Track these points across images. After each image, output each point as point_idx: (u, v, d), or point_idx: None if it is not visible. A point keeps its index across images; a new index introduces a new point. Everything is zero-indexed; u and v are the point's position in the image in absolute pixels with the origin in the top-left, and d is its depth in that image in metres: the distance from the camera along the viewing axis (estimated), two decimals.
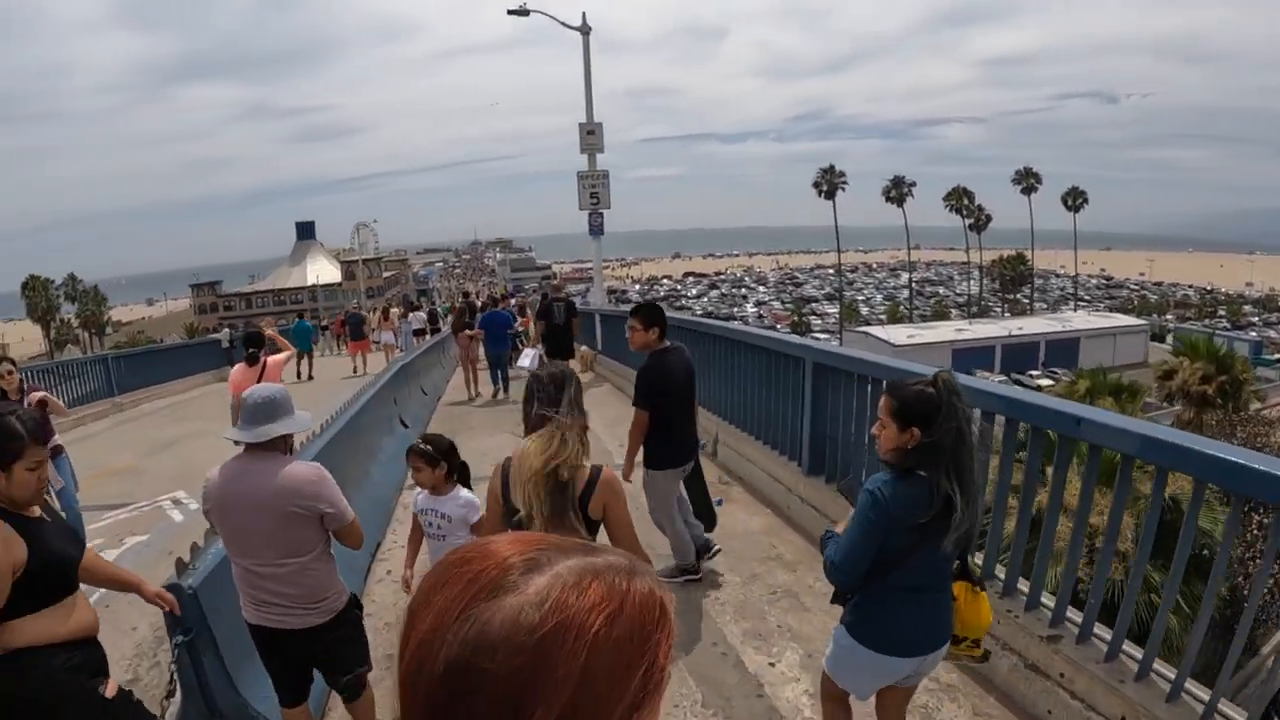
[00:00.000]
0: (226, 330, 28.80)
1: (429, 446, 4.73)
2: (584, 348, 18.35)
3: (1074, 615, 4.42)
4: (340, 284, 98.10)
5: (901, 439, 3.13)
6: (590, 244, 20.12)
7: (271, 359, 9.44)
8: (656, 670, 0.83)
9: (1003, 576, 4.88)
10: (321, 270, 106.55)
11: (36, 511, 3.19)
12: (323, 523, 3.79)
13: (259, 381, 8.93)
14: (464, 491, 4.79)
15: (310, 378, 23.37)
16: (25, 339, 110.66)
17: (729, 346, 9.30)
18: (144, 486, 11.05)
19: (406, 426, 11.57)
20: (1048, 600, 4.59)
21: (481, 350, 16.64)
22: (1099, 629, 4.25)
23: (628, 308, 8.37)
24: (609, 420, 11.60)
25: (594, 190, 18.45)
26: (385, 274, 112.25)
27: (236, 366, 9.55)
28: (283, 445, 3.85)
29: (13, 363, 8.21)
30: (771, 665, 5.14)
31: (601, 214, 18.74)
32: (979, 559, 4.92)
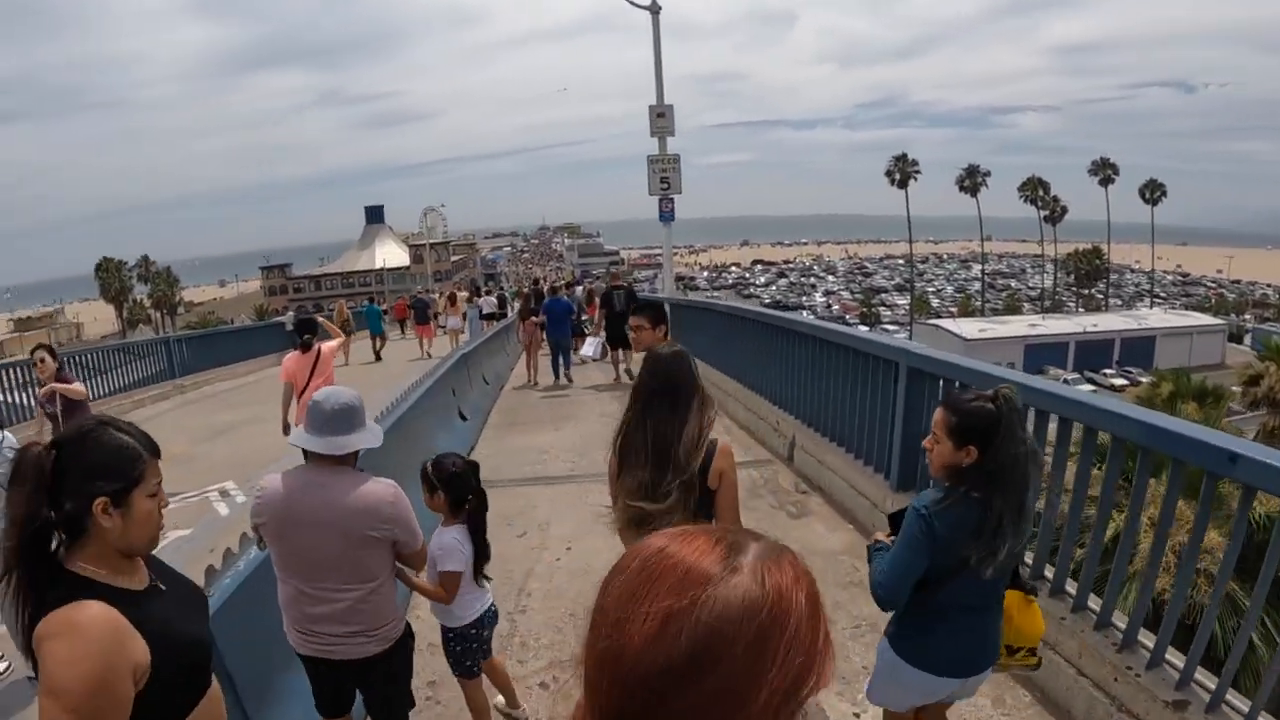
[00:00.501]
0: (291, 313, 28.34)
1: (431, 468, 4.11)
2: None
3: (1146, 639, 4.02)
4: (408, 267, 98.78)
5: (956, 457, 2.97)
6: (659, 230, 19.50)
7: (325, 346, 9.13)
8: (827, 636, 0.92)
9: (1069, 588, 4.57)
10: (389, 254, 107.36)
11: (143, 574, 2.16)
12: (394, 547, 3.43)
13: (313, 370, 8.56)
14: (451, 533, 4.07)
15: (378, 358, 24.21)
16: (98, 319, 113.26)
17: (813, 345, 8.56)
18: (194, 476, 10.72)
19: (465, 419, 11.16)
20: (1119, 620, 4.22)
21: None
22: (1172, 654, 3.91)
23: (696, 296, 7.74)
24: None
25: (664, 175, 17.75)
26: (453, 258, 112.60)
27: (290, 354, 9.23)
28: (352, 457, 3.44)
29: (50, 350, 7.85)
30: (856, 717, 4.42)
31: (672, 199, 17.98)
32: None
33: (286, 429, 8.37)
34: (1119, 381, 62.09)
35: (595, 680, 0.90)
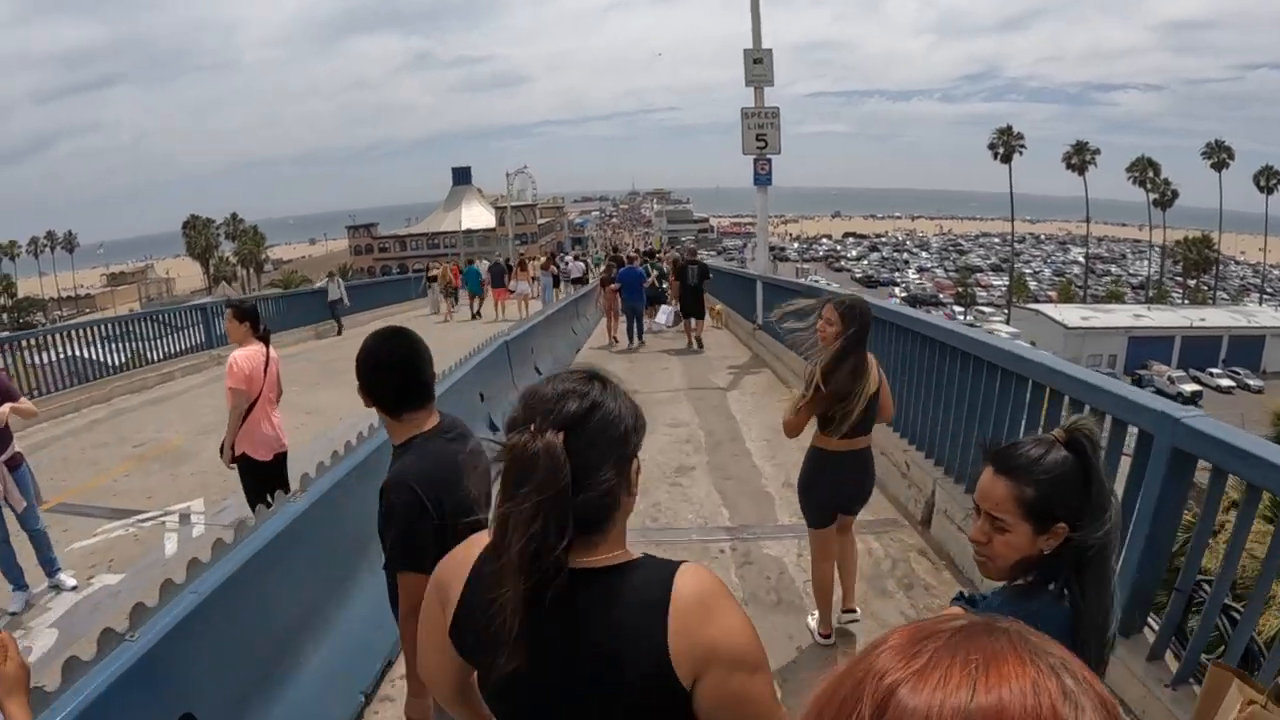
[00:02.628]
0: (337, 280, 26.36)
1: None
2: (717, 304, 20.18)
3: None
4: (493, 229, 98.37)
5: (1038, 544, 2.00)
6: (749, 198, 17.77)
7: (274, 355, 6.67)
8: None
9: None
10: (476, 215, 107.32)
11: None
12: None
13: (266, 371, 6.38)
14: None
15: (478, 315, 26.23)
16: (184, 275, 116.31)
17: (982, 371, 5.84)
18: (168, 486, 9.14)
19: (496, 430, 8.76)
20: None
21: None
22: None
23: (785, 270, 5.81)
24: (769, 429, 9.29)
25: (761, 131, 15.59)
26: (539, 221, 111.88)
27: (242, 351, 6.39)
28: None
29: None
30: None
31: (769, 160, 15.83)
32: None
33: (232, 453, 6.35)
34: (1225, 382, 59.18)
35: None
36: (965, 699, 0.61)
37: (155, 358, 17.44)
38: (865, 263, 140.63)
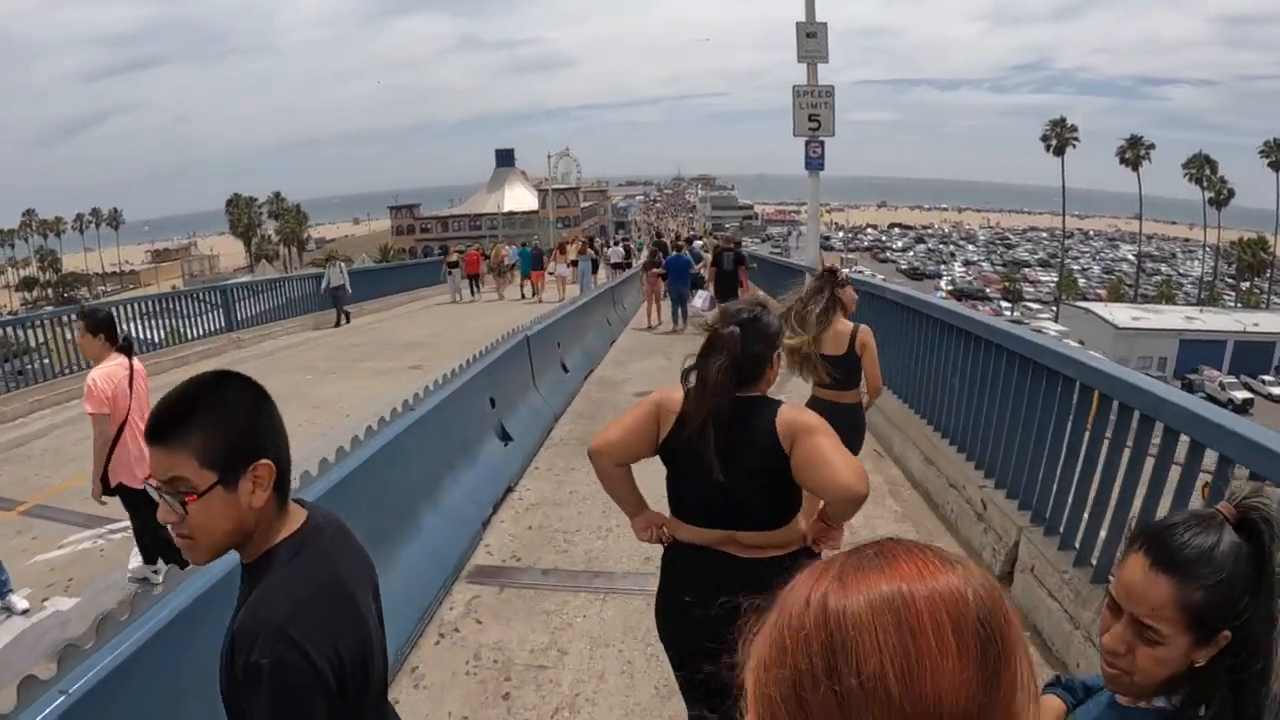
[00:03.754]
0: (338, 265, 23.35)
1: None
2: (759, 293, 20.45)
3: None
4: (536, 211, 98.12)
5: (1194, 655, 1.52)
6: (795, 185, 17.00)
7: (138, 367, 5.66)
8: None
9: None
10: (518, 197, 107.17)
11: None
12: None
13: (132, 388, 5.44)
14: None
15: (536, 295, 26.35)
16: (227, 254, 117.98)
17: (1063, 388, 4.93)
18: None
19: (509, 440, 8.01)
20: None
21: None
22: None
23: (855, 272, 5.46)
24: (796, 395, 8.66)
25: (814, 111, 14.71)
26: (583, 204, 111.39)
27: (102, 368, 5.40)
28: None
29: None
30: None
31: (821, 143, 14.98)
32: None
33: (107, 487, 5.49)
34: (1277, 390, 57.35)
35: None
36: (889, 583, 0.72)
37: (175, 340, 16.69)
38: (911, 254, 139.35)
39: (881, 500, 6.86)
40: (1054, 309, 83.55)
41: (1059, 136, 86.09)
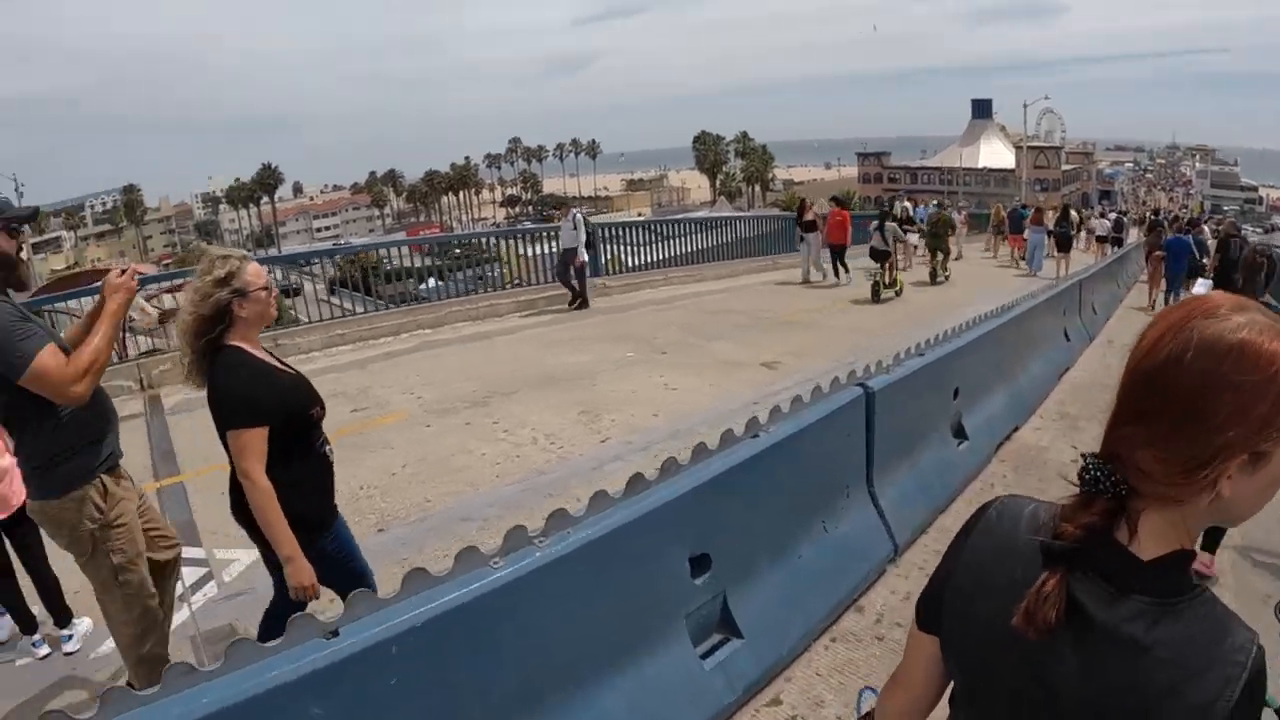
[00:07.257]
0: (575, 216, 15.19)
1: None
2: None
3: None
4: (1013, 170, 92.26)
5: None
6: None
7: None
8: None
9: None
10: (996, 152, 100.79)
11: None
12: None
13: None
14: None
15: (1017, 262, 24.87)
16: (695, 187, 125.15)
17: None
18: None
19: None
20: None
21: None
22: None
23: None
24: None
25: None
26: (1065, 166, 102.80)
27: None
28: None
29: None
30: None
31: None
32: None
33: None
34: None
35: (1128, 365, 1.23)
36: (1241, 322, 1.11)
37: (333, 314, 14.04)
38: None
39: None
40: None
41: None
